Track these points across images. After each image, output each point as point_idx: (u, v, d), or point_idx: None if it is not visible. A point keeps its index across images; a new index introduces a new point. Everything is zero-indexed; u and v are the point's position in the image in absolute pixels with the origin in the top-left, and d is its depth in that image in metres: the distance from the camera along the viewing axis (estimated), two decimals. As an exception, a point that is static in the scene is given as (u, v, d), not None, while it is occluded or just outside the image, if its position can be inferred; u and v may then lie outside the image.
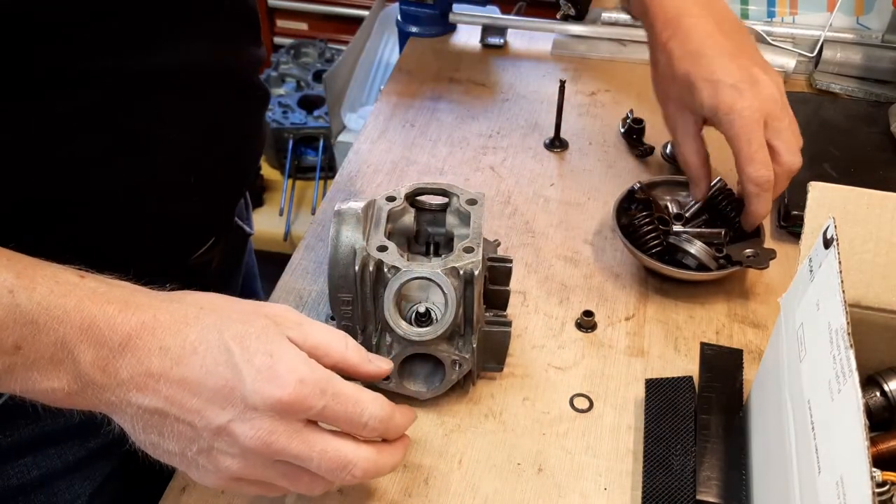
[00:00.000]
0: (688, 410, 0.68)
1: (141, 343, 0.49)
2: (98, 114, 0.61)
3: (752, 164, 0.76)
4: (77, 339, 0.48)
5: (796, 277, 0.58)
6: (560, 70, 1.18)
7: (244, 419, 0.49)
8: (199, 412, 0.50)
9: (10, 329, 0.47)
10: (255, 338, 0.51)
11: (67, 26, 0.56)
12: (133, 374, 0.49)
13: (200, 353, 0.50)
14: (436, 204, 0.73)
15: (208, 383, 0.49)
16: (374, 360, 0.58)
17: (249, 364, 0.49)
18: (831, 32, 1.15)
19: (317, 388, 0.50)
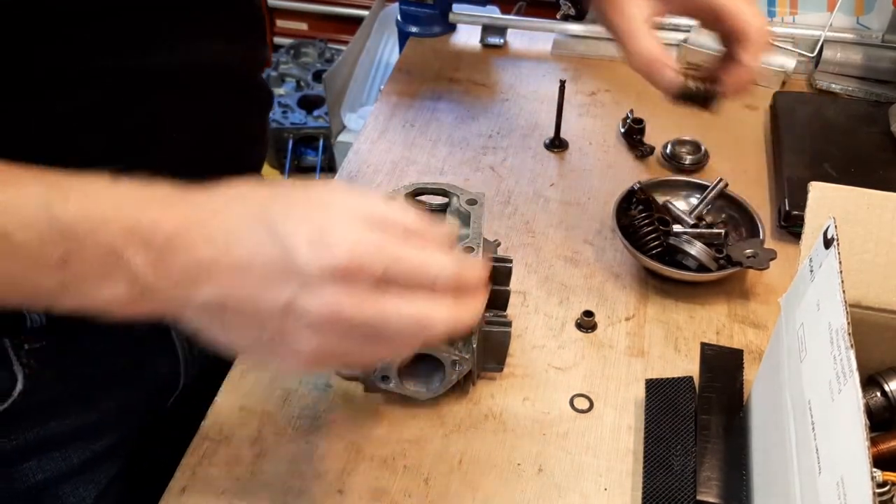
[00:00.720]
0: (688, 411, 0.68)
1: (187, 237, 0.47)
2: (98, 114, 0.61)
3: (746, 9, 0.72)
4: (124, 244, 0.46)
5: (796, 277, 0.58)
6: (560, 70, 1.18)
7: (306, 292, 0.47)
8: (258, 295, 0.47)
9: (53, 244, 0.46)
10: (302, 210, 0.48)
11: (67, 25, 0.56)
12: (185, 269, 0.47)
13: (245, 235, 0.47)
14: (436, 204, 0.73)
15: (259, 263, 0.47)
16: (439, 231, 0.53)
17: (298, 236, 0.47)
18: (831, 32, 1.15)
19: (374, 248, 0.47)
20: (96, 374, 0.72)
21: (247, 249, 0.47)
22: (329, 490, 0.65)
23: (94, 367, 0.72)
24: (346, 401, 0.72)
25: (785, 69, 1.14)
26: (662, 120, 1.06)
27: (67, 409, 0.71)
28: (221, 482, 0.65)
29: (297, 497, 0.64)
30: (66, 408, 0.71)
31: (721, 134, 1.05)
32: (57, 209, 0.46)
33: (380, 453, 0.68)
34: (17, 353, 0.65)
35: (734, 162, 1.01)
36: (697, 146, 1.00)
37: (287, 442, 0.68)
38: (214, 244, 0.47)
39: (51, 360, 0.67)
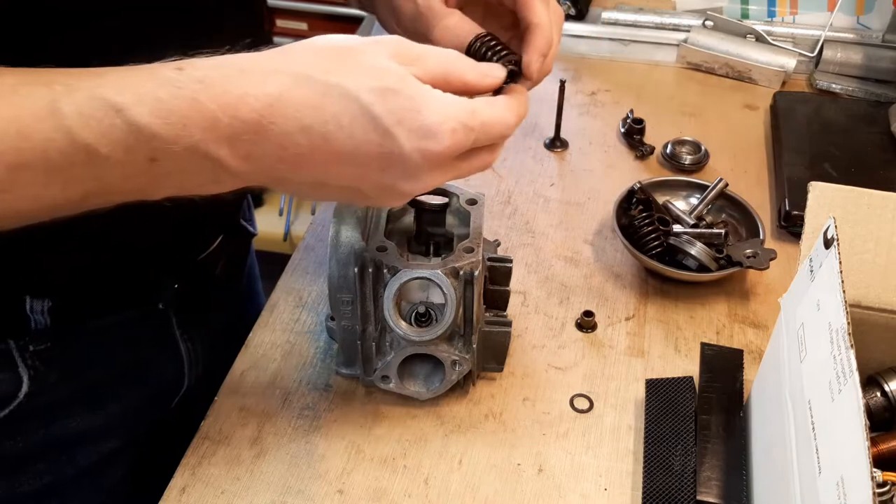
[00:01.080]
0: (688, 411, 0.68)
1: (278, 127, 0.47)
2: None
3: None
4: (207, 139, 0.46)
5: (797, 277, 0.58)
6: (560, 70, 1.18)
7: (408, 178, 0.50)
8: (361, 178, 0.50)
9: (137, 148, 0.45)
10: (394, 94, 0.48)
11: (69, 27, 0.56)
12: (281, 157, 0.48)
13: (346, 125, 0.48)
14: (436, 204, 0.73)
15: (364, 153, 0.48)
16: (487, 71, 0.55)
17: (400, 125, 0.48)
18: (832, 32, 1.15)
19: (466, 127, 0.50)
20: (101, 376, 0.72)
21: (353, 140, 0.48)
22: (329, 490, 0.65)
23: (99, 368, 0.72)
24: (346, 401, 0.72)
25: (785, 69, 1.14)
26: (662, 120, 1.06)
27: (72, 412, 0.71)
28: (221, 482, 0.65)
29: (297, 497, 0.64)
30: (71, 410, 0.71)
31: (721, 134, 1.05)
32: (133, 115, 0.44)
33: (380, 453, 0.68)
34: (21, 354, 0.65)
35: (734, 162, 1.01)
36: (697, 146, 1.00)
37: (287, 442, 0.68)
38: (310, 134, 0.47)
39: (55, 362, 0.67)
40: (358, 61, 0.49)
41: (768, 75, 1.14)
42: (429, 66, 0.51)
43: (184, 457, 0.67)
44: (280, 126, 0.47)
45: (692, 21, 1.21)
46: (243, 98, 0.46)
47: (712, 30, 1.19)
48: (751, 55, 1.15)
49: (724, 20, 1.19)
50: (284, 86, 0.47)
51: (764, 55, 1.15)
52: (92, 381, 0.71)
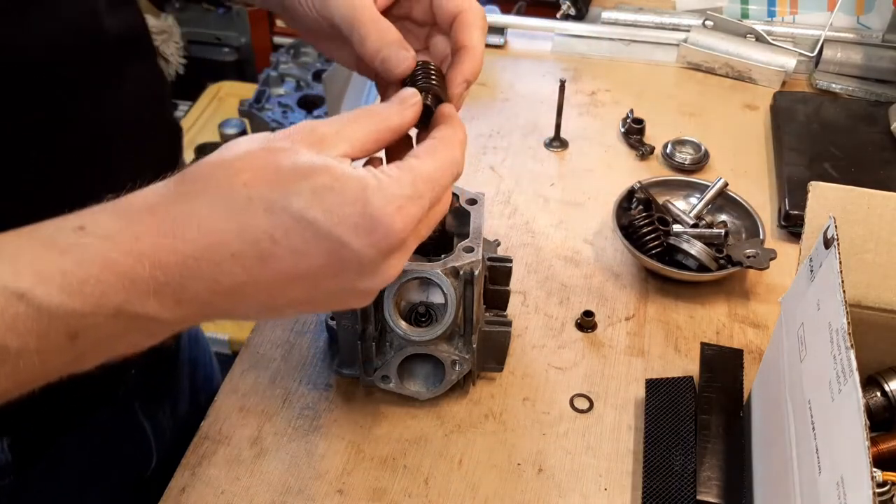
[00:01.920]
0: (688, 410, 0.68)
1: (205, 263, 0.42)
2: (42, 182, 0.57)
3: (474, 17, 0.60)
4: (132, 300, 0.41)
5: (796, 277, 0.58)
6: (560, 70, 1.18)
7: (366, 275, 0.45)
8: (313, 289, 0.45)
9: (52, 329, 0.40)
10: (327, 191, 0.43)
11: None
12: (214, 292, 0.43)
13: (281, 239, 0.43)
14: (436, 204, 0.73)
15: (309, 264, 0.44)
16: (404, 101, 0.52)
17: (343, 224, 0.43)
18: (832, 32, 1.15)
19: (413, 197, 0.45)
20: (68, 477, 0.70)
21: (294, 254, 0.43)
22: (329, 490, 0.65)
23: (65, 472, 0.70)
24: (346, 401, 0.72)
25: (785, 69, 1.14)
26: (662, 120, 1.06)
27: None
28: (221, 482, 0.65)
29: (297, 497, 0.64)
30: None
31: (721, 134, 1.05)
32: (38, 296, 0.39)
33: (380, 453, 0.68)
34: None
35: (734, 162, 1.01)
36: (697, 146, 1.00)
37: (287, 442, 0.68)
38: (245, 259, 0.43)
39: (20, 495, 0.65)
40: (276, 165, 0.44)
41: (768, 75, 1.14)
42: (353, 136, 0.47)
43: (184, 457, 0.67)
44: (207, 260, 0.42)
45: (692, 21, 1.21)
46: (159, 242, 0.41)
47: (712, 30, 1.19)
48: (751, 55, 1.15)
49: (724, 20, 1.19)
50: (201, 215, 0.42)
51: (764, 55, 1.15)
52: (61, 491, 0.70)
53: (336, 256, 0.44)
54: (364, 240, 0.44)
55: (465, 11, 0.59)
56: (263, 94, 2.12)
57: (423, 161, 0.48)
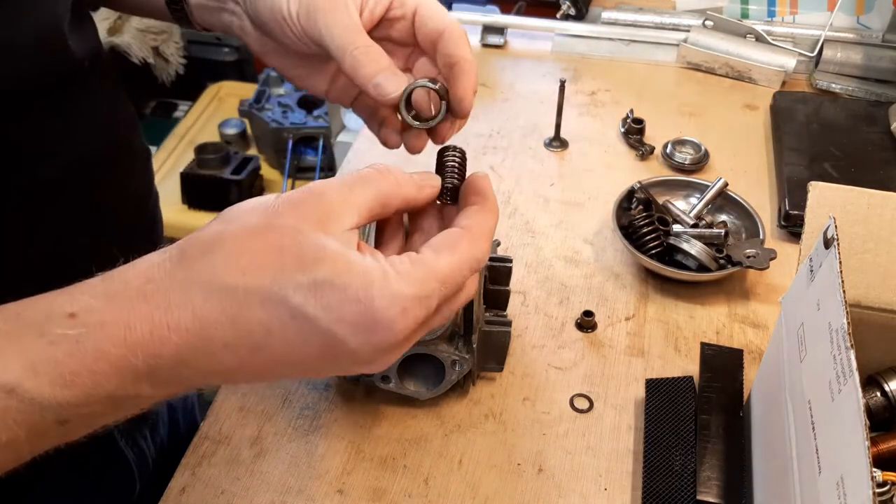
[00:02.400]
0: (688, 410, 0.68)
1: (199, 353, 0.41)
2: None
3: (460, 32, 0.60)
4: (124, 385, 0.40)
5: (796, 277, 0.58)
6: (560, 70, 1.18)
7: (361, 365, 0.44)
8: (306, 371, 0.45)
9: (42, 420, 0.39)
10: (328, 286, 0.41)
11: None
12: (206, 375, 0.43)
13: (276, 332, 0.42)
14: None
15: (303, 354, 0.43)
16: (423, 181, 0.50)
17: (341, 322, 0.41)
18: (832, 32, 1.15)
19: (421, 298, 0.43)
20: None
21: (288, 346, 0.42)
22: (329, 490, 0.65)
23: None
24: (346, 401, 0.72)
25: (785, 69, 1.14)
26: (662, 120, 1.06)
27: None
28: (221, 482, 0.65)
29: (297, 497, 0.64)
30: None
31: (721, 134, 1.05)
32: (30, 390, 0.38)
33: (380, 453, 0.68)
34: None
35: (734, 162, 1.01)
36: (697, 146, 1.00)
37: (287, 442, 0.68)
38: (239, 349, 0.42)
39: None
40: (277, 249, 0.42)
41: (768, 75, 1.14)
42: (363, 204, 0.45)
43: (184, 457, 0.67)
44: (200, 351, 0.41)
45: (692, 21, 1.21)
46: (153, 332, 0.40)
47: (712, 30, 1.19)
48: (751, 55, 1.15)
49: (724, 20, 1.19)
50: (196, 304, 0.41)
51: (764, 55, 1.15)
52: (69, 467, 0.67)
53: (331, 350, 0.43)
54: (362, 338, 0.42)
55: (450, 27, 0.59)
56: (263, 94, 2.12)
57: (440, 257, 0.45)
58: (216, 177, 1.86)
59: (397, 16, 0.61)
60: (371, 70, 0.57)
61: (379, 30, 0.62)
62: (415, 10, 0.60)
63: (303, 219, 0.43)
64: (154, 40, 2.05)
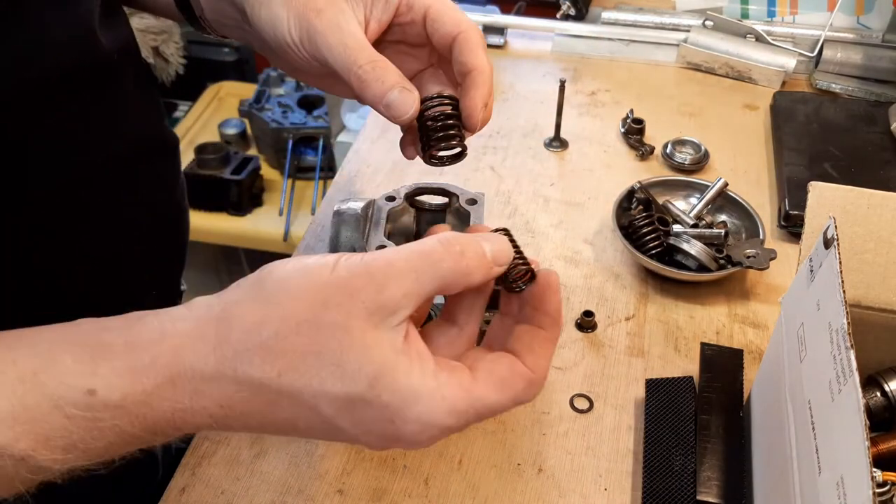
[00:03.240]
0: (688, 411, 0.68)
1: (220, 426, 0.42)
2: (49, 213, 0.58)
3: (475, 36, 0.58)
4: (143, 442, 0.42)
5: (796, 277, 0.58)
6: (560, 70, 1.18)
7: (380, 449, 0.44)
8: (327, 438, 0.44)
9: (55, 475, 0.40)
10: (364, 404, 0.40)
11: None
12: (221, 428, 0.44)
13: (302, 427, 0.42)
14: (436, 204, 0.73)
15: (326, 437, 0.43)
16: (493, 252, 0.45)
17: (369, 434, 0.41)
18: (831, 32, 1.15)
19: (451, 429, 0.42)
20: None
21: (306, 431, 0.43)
22: (329, 490, 0.65)
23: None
24: (346, 401, 0.71)
25: (785, 69, 1.14)
26: (662, 120, 1.06)
27: None
28: (221, 482, 0.65)
29: (297, 497, 0.64)
30: None
31: (721, 134, 1.05)
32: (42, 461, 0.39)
33: (380, 453, 0.68)
34: None
35: (734, 162, 1.01)
36: (697, 146, 1.00)
37: (287, 442, 0.68)
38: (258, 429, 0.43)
39: None
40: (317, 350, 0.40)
41: (768, 75, 1.14)
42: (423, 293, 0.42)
43: (184, 457, 0.67)
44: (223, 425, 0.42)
45: (692, 21, 1.21)
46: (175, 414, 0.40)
47: (712, 30, 1.19)
48: (751, 55, 1.15)
49: (724, 20, 1.19)
50: (225, 395, 0.40)
51: (764, 55, 1.15)
52: None
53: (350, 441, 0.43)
54: (382, 443, 0.42)
55: (464, 32, 0.57)
56: (263, 94, 2.12)
57: (490, 393, 0.43)
58: (216, 177, 1.87)
59: (407, 20, 0.58)
60: (378, 90, 0.54)
61: (391, 34, 0.60)
62: (425, 12, 0.58)
63: (353, 314, 0.40)
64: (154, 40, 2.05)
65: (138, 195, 0.67)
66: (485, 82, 0.56)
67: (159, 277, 0.75)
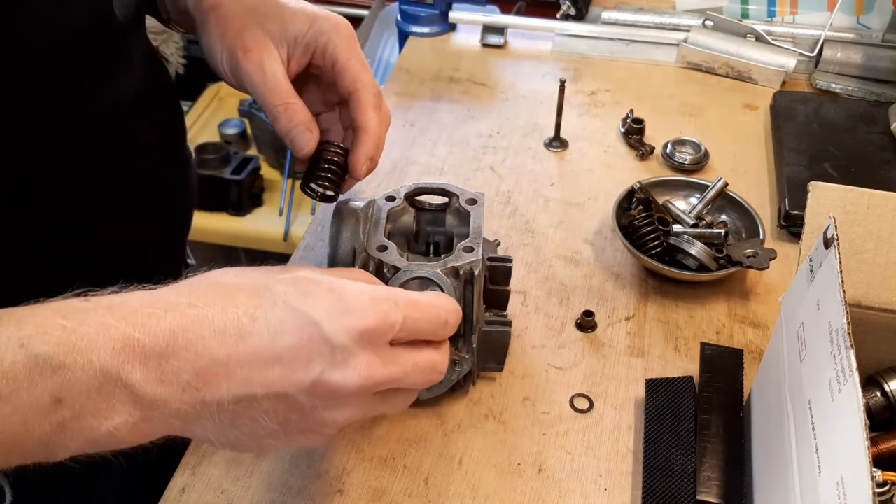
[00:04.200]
0: (688, 410, 0.68)
1: (189, 334, 0.44)
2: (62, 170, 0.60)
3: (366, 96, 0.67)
4: (117, 362, 0.43)
5: (796, 277, 0.58)
6: (560, 70, 1.18)
7: (335, 364, 0.46)
8: (286, 378, 0.45)
9: (41, 384, 0.41)
10: (306, 280, 0.47)
11: None
12: (196, 370, 0.44)
13: (260, 317, 0.45)
14: (436, 204, 0.73)
15: (283, 343, 0.45)
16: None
17: (316, 306, 0.46)
18: (831, 32, 1.15)
19: (391, 302, 0.48)
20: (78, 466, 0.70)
21: (270, 332, 0.45)
22: (329, 490, 0.65)
23: None
24: (346, 401, 0.72)
25: (785, 69, 1.14)
26: (662, 120, 1.06)
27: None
28: (221, 482, 0.65)
29: (298, 497, 0.64)
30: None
31: (721, 134, 1.05)
32: (36, 347, 0.41)
33: (380, 453, 0.68)
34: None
35: (734, 162, 1.01)
36: (697, 146, 1.00)
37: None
38: (226, 334, 0.45)
39: None
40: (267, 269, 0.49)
41: (768, 75, 1.14)
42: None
43: (184, 457, 0.67)
44: (192, 331, 0.44)
45: (692, 21, 1.21)
46: (153, 314, 0.44)
47: (712, 30, 1.19)
48: (751, 55, 1.15)
49: (724, 20, 1.19)
50: (192, 295, 0.46)
51: (764, 55, 1.15)
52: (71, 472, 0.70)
53: (308, 337, 0.46)
54: (336, 322, 0.46)
55: (359, 91, 0.66)
56: (263, 95, 2.12)
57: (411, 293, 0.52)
58: (216, 177, 1.86)
59: (320, 65, 0.68)
60: (285, 126, 0.65)
61: (312, 69, 0.69)
62: (333, 63, 0.67)
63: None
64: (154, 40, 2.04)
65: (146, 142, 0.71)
66: (369, 139, 0.66)
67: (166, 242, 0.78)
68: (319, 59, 0.67)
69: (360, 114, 0.66)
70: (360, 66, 0.67)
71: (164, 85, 0.77)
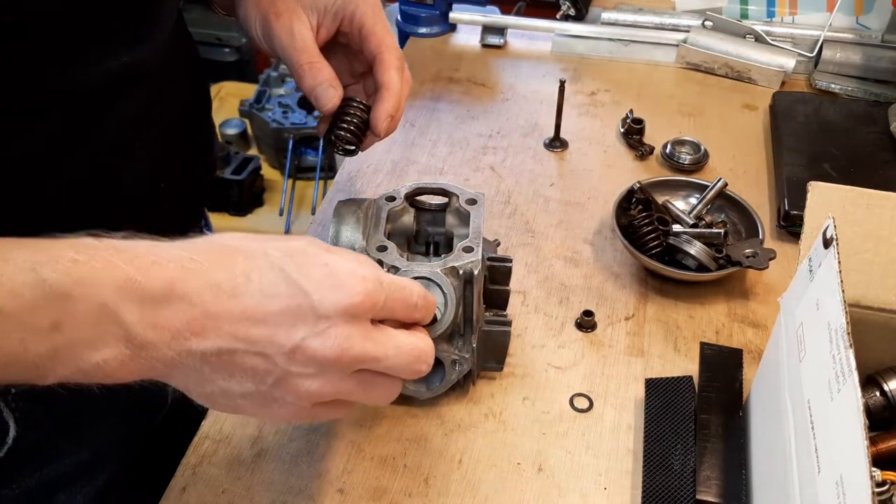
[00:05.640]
0: (688, 410, 0.68)
1: (187, 286, 0.46)
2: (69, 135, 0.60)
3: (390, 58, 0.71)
4: (117, 300, 0.45)
5: (796, 277, 0.58)
6: (560, 70, 1.18)
7: (317, 332, 0.48)
8: (269, 338, 0.48)
9: (44, 308, 0.44)
10: (302, 252, 0.50)
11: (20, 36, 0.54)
12: (187, 319, 0.46)
13: (255, 278, 0.48)
14: (435, 204, 0.73)
15: (272, 307, 0.47)
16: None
17: (308, 277, 0.48)
18: (831, 32, 1.16)
19: (376, 282, 0.50)
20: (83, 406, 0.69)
21: (261, 293, 0.47)
22: (329, 489, 0.65)
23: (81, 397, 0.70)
24: (347, 400, 0.72)
25: (785, 69, 1.14)
26: (662, 120, 1.06)
27: (61, 451, 0.69)
28: (222, 482, 0.65)
29: (298, 496, 0.65)
30: (59, 449, 0.69)
31: (721, 134, 1.05)
32: (45, 273, 0.44)
33: (380, 453, 0.68)
34: (4, 398, 0.63)
35: (734, 162, 1.01)
36: (697, 146, 1.00)
37: (287, 441, 0.68)
38: (221, 290, 0.47)
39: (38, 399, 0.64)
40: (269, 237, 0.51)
41: (768, 75, 1.14)
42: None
43: (184, 456, 0.67)
44: (188, 282, 0.47)
45: (692, 21, 1.21)
46: (157, 262, 0.46)
47: (712, 30, 1.19)
48: (750, 55, 1.15)
49: (724, 20, 1.19)
50: (197, 248, 0.49)
51: (763, 55, 1.15)
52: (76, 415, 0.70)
53: (297, 304, 0.48)
54: (325, 295, 0.48)
55: (383, 53, 0.71)
56: (264, 95, 2.12)
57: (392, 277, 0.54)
58: (217, 177, 1.86)
59: (348, 31, 0.72)
60: (310, 82, 0.69)
61: (340, 38, 0.73)
62: (360, 29, 0.71)
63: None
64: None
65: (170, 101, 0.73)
66: (391, 98, 0.71)
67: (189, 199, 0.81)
68: (347, 25, 0.72)
69: (383, 73, 0.70)
70: (384, 31, 0.72)
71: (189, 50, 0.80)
